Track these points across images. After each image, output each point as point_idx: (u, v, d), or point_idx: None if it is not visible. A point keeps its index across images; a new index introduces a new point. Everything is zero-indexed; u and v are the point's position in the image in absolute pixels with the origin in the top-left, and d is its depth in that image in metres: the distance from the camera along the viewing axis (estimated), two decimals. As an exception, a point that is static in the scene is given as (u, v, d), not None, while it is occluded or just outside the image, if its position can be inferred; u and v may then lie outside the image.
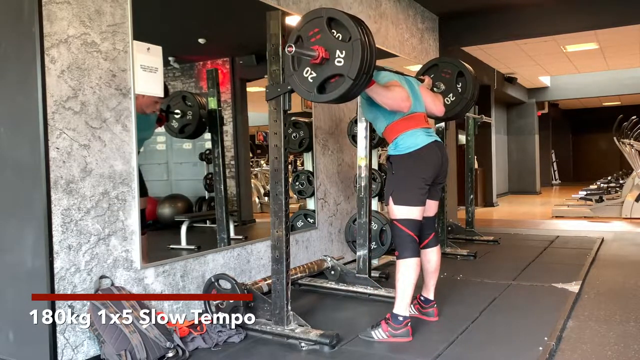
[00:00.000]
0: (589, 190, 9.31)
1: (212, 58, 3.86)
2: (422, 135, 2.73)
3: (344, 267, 3.70)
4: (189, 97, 3.57)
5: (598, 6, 6.04)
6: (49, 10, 2.24)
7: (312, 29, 2.28)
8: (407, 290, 2.65)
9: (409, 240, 2.68)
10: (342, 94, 2.25)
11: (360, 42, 2.16)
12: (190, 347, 2.52)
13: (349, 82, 2.20)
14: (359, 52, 2.16)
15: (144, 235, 3.00)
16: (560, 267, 4.32)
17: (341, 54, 2.21)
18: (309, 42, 2.28)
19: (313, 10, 2.37)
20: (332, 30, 2.25)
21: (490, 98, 10.27)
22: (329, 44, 2.24)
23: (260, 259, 3.50)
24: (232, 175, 3.92)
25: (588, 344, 2.60)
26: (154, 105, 3.04)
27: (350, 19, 2.21)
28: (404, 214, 2.70)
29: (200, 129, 3.61)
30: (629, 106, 14.29)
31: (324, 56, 2.23)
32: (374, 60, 2.25)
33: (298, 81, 2.36)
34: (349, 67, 2.19)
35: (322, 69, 2.27)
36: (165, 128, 3.51)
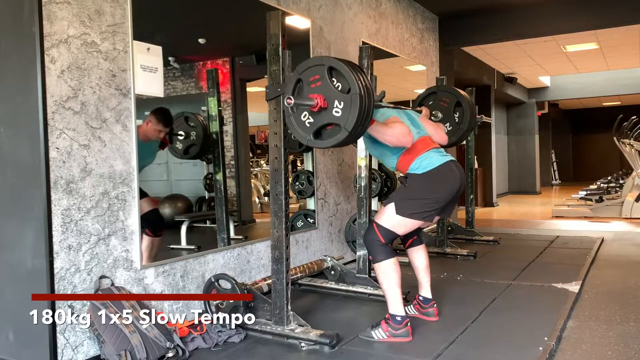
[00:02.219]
0: (589, 190, 9.31)
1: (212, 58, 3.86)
2: (437, 155, 2.72)
3: (344, 267, 3.70)
4: (192, 117, 3.59)
5: (598, 6, 6.04)
6: (49, 10, 2.24)
7: (313, 75, 2.30)
8: (394, 289, 2.65)
9: (379, 245, 2.68)
10: (338, 143, 2.30)
11: (359, 96, 2.19)
12: (190, 347, 2.52)
13: (345, 133, 2.23)
14: (357, 106, 2.19)
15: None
16: (560, 267, 4.32)
17: (339, 105, 2.23)
18: (308, 87, 2.32)
19: (316, 57, 2.42)
20: (332, 78, 2.27)
21: (490, 98, 10.27)
22: (328, 92, 2.26)
23: (260, 259, 3.50)
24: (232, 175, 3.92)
25: (588, 344, 2.60)
26: (157, 134, 3.09)
27: (351, 71, 2.22)
28: (393, 224, 2.68)
29: (205, 149, 3.63)
30: (629, 106, 14.30)
31: (322, 105, 2.26)
32: (371, 113, 2.29)
33: (295, 124, 2.38)
34: (346, 119, 2.22)
35: (319, 116, 2.30)
36: (169, 150, 3.52)
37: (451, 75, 6.87)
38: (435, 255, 4.76)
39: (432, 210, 2.69)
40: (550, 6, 6.18)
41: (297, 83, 2.36)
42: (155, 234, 3.03)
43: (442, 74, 6.36)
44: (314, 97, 2.26)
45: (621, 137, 8.97)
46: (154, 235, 3.02)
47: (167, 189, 3.74)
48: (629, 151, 8.73)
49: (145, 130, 2.99)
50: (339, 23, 4.51)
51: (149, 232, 2.97)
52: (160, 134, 3.14)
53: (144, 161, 2.76)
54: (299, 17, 3.99)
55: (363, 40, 4.82)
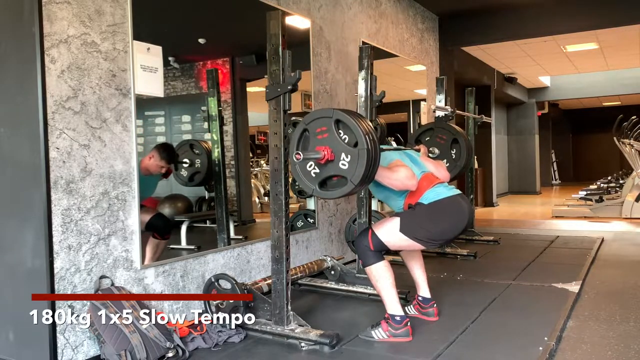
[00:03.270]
0: (589, 190, 9.30)
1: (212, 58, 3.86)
2: (443, 189, 2.71)
3: (344, 267, 3.70)
4: (197, 145, 3.60)
5: (598, 6, 6.05)
6: (49, 10, 2.24)
7: (320, 126, 2.33)
8: (389, 290, 2.66)
9: (368, 250, 2.68)
10: (344, 195, 2.33)
11: (366, 151, 2.20)
12: (190, 347, 2.52)
13: (352, 185, 2.25)
14: (364, 160, 2.21)
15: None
16: (560, 267, 4.32)
17: (346, 158, 2.26)
18: (315, 138, 2.34)
19: (323, 109, 2.45)
20: (339, 131, 2.29)
21: (490, 98, 10.27)
22: (334, 144, 2.28)
23: (260, 259, 3.50)
24: (232, 175, 3.91)
25: (588, 344, 2.60)
26: (159, 170, 3.13)
27: (358, 125, 2.23)
28: (390, 239, 2.66)
29: (209, 177, 3.64)
30: (629, 106, 14.30)
31: (329, 158, 2.28)
32: (377, 167, 2.31)
33: (301, 173, 2.40)
34: (353, 172, 2.24)
35: (326, 167, 2.32)
36: (174, 176, 3.53)
37: (451, 75, 6.87)
38: (435, 255, 4.76)
39: (435, 240, 2.69)
40: (550, 6, 6.18)
41: (302, 133, 2.39)
42: (163, 237, 3.07)
43: (442, 74, 6.37)
44: (321, 149, 2.28)
45: (621, 137, 8.96)
46: (161, 239, 3.05)
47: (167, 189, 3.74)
48: (629, 151, 8.73)
49: (147, 165, 3.02)
50: (339, 23, 4.51)
51: (158, 236, 3.00)
52: (162, 170, 3.18)
53: (144, 194, 2.78)
54: (299, 17, 3.99)
55: (363, 40, 4.82)
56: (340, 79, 4.50)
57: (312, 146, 2.34)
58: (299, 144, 2.41)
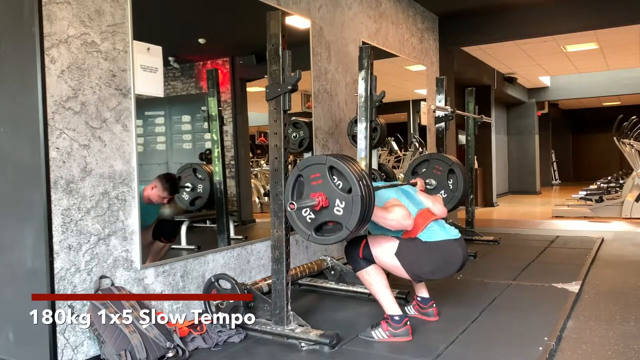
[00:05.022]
0: (589, 190, 9.30)
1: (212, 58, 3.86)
2: (438, 229, 2.71)
3: (344, 267, 3.70)
4: (199, 169, 3.60)
5: (598, 6, 6.05)
6: (49, 10, 2.24)
7: (314, 172, 2.35)
8: (383, 292, 2.67)
9: (358, 256, 2.70)
10: (339, 240, 2.35)
11: (360, 197, 2.21)
12: (190, 347, 2.52)
13: (347, 232, 2.27)
14: (358, 206, 2.22)
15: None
16: (560, 267, 4.32)
17: (340, 204, 2.27)
18: (309, 184, 2.35)
19: (317, 155, 2.45)
20: (333, 177, 2.30)
21: (490, 98, 10.27)
22: (328, 191, 2.30)
23: (260, 259, 3.50)
24: (232, 175, 3.91)
25: (588, 344, 2.60)
26: (161, 200, 3.13)
27: (352, 172, 2.25)
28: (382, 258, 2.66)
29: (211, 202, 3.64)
30: (629, 106, 14.28)
31: (323, 205, 2.30)
32: (372, 212, 2.32)
33: (296, 219, 2.41)
34: (347, 218, 2.25)
35: (321, 213, 2.34)
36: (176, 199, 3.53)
37: (451, 75, 6.87)
38: (435, 255, 4.76)
39: (422, 277, 2.73)
40: (550, 6, 6.18)
41: (297, 179, 2.41)
42: (169, 240, 3.09)
43: (442, 74, 6.36)
44: (315, 196, 2.30)
45: (621, 137, 8.96)
46: (167, 242, 3.06)
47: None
48: (629, 151, 8.72)
49: (149, 195, 3.02)
50: (339, 23, 4.51)
51: (164, 240, 3.03)
52: (164, 200, 3.17)
53: (145, 222, 2.77)
54: (299, 17, 3.99)
55: (363, 40, 4.82)
56: (340, 79, 4.50)
57: (306, 192, 2.36)
58: (294, 189, 2.42)
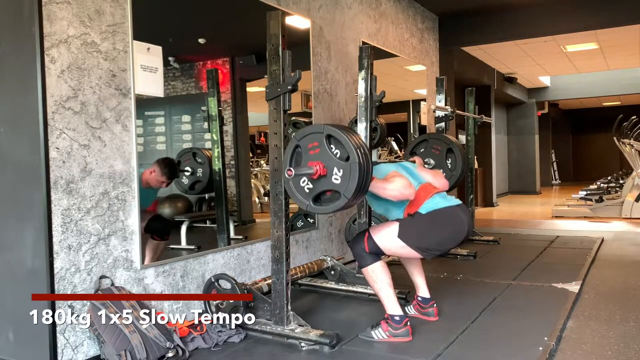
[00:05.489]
0: (589, 190, 9.30)
1: (212, 58, 3.85)
2: (441, 200, 2.70)
3: (344, 267, 3.70)
4: (199, 154, 3.59)
5: (598, 6, 6.05)
6: (49, 10, 2.24)
7: (312, 142, 2.34)
8: (386, 291, 2.66)
9: (364, 251, 2.68)
10: (338, 209, 2.34)
11: (358, 165, 2.21)
12: (190, 347, 2.52)
13: (345, 200, 2.26)
14: (356, 174, 2.22)
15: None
16: (560, 267, 4.32)
17: (338, 172, 2.27)
18: (307, 154, 2.35)
19: (314, 125, 2.46)
20: (330, 146, 2.30)
21: (490, 98, 10.27)
22: (326, 159, 2.29)
23: (260, 259, 3.50)
24: (232, 175, 3.91)
25: (588, 344, 2.60)
26: (160, 184, 3.13)
27: (349, 139, 2.24)
28: (386, 245, 2.66)
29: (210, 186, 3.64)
30: (629, 106, 14.28)
31: (321, 173, 2.29)
32: (369, 180, 2.31)
33: (294, 189, 2.40)
34: (345, 186, 2.25)
35: (319, 182, 2.33)
36: (175, 184, 3.53)
37: (451, 75, 6.87)
38: (435, 255, 4.76)
39: (432, 250, 2.69)
40: (550, 6, 6.18)
41: (295, 149, 2.40)
42: (162, 239, 3.06)
43: (442, 74, 6.36)
44: (313, 165, 2.29)
45: (621, 137, 8.97)
46: (161, 240, 3.04)
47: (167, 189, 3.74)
48: (629, 151, 8.73)
49: (148, 179, 3.01)
50: (339, 23, 4.51)
51: (157, 237, 2.99)
52: (163, 185, 3.16)
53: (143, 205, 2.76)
54: (299, 17, 3.99)
55: (363, 40, 4.82)
56: (340, 79, 4.50)
57: (304, 162, 2.36)
58: (292, 160, 2.42)
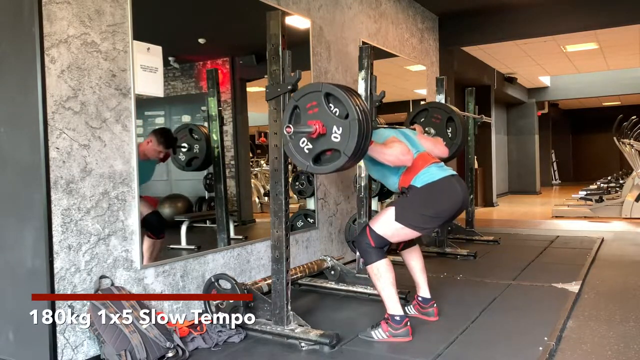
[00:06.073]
0: (589, 190, 9.31)
1: (212, 58, 3.86)
2: (437, 170, 2.71)
3: (344, 267, 3.70)
4: (196, 130, 3.59)
5: (598, 6, 6.05)
6: (49, 10, 2.24)
7: (310, 101, 2.32)
8: (389, 290, 2.65)
9: (370, 247, 2.68)
10: (338, 168, 2.31)
11: (357, 122, 2.19)
12: (190, 347, 2.52)
13: (345, 158, 2.24)
14: (355, 131, 2.20)
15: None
16: (560, 267, 4.32)
17: (338, 130, 2.25)
18: (306, 114, 2.32)
19: (312, 83, 2.42)
20: (329, 104, 2.28)
21: (490, 98, 10.27)
22: (326, 118, 2.27)
23: (260, 259, 3.50)
24: (232, 175, 3.91)
25: (588, 344, 2.60)
26: (157, 155, 3.11)
27: (348, 97, 2.23)
28: (387, 231, 2.66)
29: (207, 162, 3.64)
30: (629, 106, 14.29)
31: (320, 132, 2.27)
32: (369, 138, 2.29)
33: (294, 151, 2.38)
34: (345, 144, 2.23)
35: (318, 142, 2.31)
36: (172, 161, 3.52)
37: (451, 75, 6.87)
38: (435, 255, 4.76)
39: (432, 224, 2.69)
40: (550, 6, 6.18)
41: (294, 109, 2.38)
42: (157, 237, 3.04)
43: (442, 74, 6.36)
44: (312, 123, 2.27)
45: (621, 137, 8.97)
46: (156, 238, 3.03)
47: (167, 189, 3.74)
48: (629, 151, 8.73)
49: (145, 150, 3.00)
50: (339, 23, 4.51)
51: (151, 235, 2.98)
52: (160, 155, 3.15)
53: (142, 179, 2.75)
54: (299, 17, 3.99)
55: (363, 40, 4.82)
56: (340, 79, 4.50)
57: (303, 122, 2.33)
58: (291, 120, 2.39)
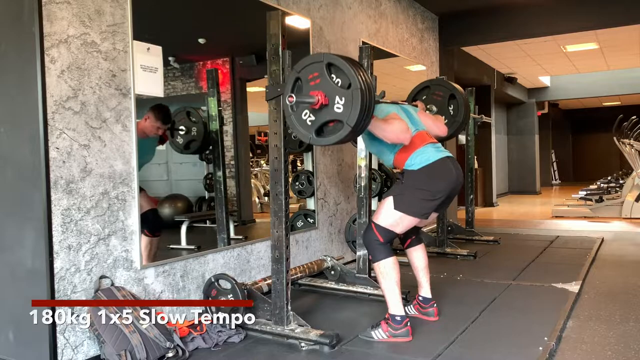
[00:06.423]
0: (589, 190, 9.31)
1: (212, 58, 3.86)
2: (432, 151, 2.72)
3: (344, 267, 3.70)
4: (193, 112, 3.59)
5: (598, 6, 6.05)
6: (49, 10, 2.24)
7: (312, 72, 2.29)
8: (393, 289, 2.65)
9: (378, 244, 2.68)
10: (341, 139, 2.28)
11: (360, 91, 2.17)
12: (190, 347, 2.52)
13: (348, 129, 2.22)
14: (358, 101, 2.17)
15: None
16: (560, 267, 4.32)
17: (340, 101, 2.22)
18: (308, 86, 2.30)
19: (313, 54, 2.38)
20: (331, 75, 2.26)
21: (490, 98, 10.27)
22: (328, 89, 2.25)
23: (260, 259, 3.50)
24: (232, 175, 3.91)
25: (588, 344, 2.60)
26: (156, 131, 3.08)
27: (350, 66, 2.21)
28: (390, 222, 2.67)
29: (205, 145, 3.63)
30: (629, 106, 14.29)
31: (323, 102, 2.24)
32: (372, 108, 2.26)
33: (296, 123, 2.36)
34: (348, 114, 2.20)
35: (321, 113, 2.28)
36: (170, 144, 3.52)
37: (451, 75, 6.86)
38: (435, 255, 4.76)
39: (430, 207, 2.69)
40: (550, 6, 6.18)
41: (295, 82, 2.35)
42: (153, 234, 3.02)
43: (442, 74, 6.36)
44: (315, 94, 2.24)
45: (621, 137, 8.97)
46: (152, 236, 3.01)
47: (167, 189, 3.74)
48: (629, 151, 8.73)
49: (143, 127, 2.96)
50: (339, 23, 4.51)
51: (147, 232, 2.97)
52: (159, 131, 3.12)
53: (143, 158, 2.74)
54: (299, 17, 3.99)
55: (363, 40, 4.82)
56: (340, 79, 4.49)
57: (306, 93, 2.30)
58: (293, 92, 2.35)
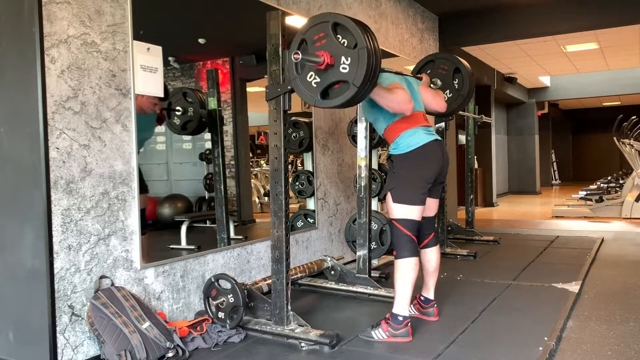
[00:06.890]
0: (589, 190, 9.31)
1: (212, 58, 3.86)
2: (423, 134, 2.73)
3: (344, 267, 3.70)
4: (190, 93, 3.58)
5: (598, 6, 6.04)
6: (49, 10, 2.24)
7: (317, 33, 2.26)
8: (406, 289, 2.65)
9: (407, 240, 2.68)
10: (347, 100, 2.24)
11: (366, 50, 2.14)
12: (190, 347, 2.52)
13: (354, 89, 2.19)
14: (364, 60, 2.15)
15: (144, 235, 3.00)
16: (560, 267, 4.32)
17: (346, 61, 2.19)
18: (313, 47, 2.27)
19: (319, 14, 2.34)
20: (337, 35, 2.23)
21: (490, 98, 10.27)
22: (334, 49, 2.22)
23: (260, 259, 3.50)
24: (232, 175, 3.92)
25: (588, 344, 2.60)
26: (154, 106, 3.05)
27: (357, 25, 2.18)
28: (403, 213, 2.69)
29: (202, 126, 3.62)
30: (629, 106, 14.31)
31: (329, 62, 2.21)
32: (379, 68, 2.23)
33: (301, 85, 2.34)
34: (354, 74, 2.18)
35: (326, 74, 2.25)
36: (167, 125, 3.52)
37: (451, 75, 6.86)
38: (435, 255, 4.76)
39: (422, 191, 2.71)
40: (550, 6, 6.18)
41: (301, 43, 2.32)
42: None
43: (442, 74, 6.35)
44: (321, 54, 2.21)
45: (621, 137, 8.97)
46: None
47: (167, 189, 3.74)
48: (629, 151, 8.73)
49: (140, 103, 2.93)
50: (339, 23, 4.51)
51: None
52: (156, 107, 3.09)
53: (142, 134, 2.72)
54: (299, 17, 3.99)
55: (363, 40, 4.81)
56: (340, 79, 4.49)
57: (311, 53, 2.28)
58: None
